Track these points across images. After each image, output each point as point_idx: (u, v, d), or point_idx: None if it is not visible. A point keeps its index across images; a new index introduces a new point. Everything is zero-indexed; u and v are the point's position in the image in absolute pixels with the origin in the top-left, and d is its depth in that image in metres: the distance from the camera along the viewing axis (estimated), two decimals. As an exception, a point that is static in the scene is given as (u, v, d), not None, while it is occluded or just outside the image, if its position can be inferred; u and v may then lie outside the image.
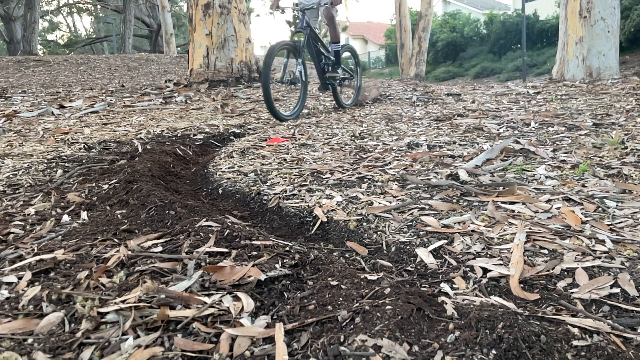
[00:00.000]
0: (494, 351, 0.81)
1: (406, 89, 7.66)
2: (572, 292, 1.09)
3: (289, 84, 4.56)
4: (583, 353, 0.83)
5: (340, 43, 5.15)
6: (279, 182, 2.24)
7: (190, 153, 3.26)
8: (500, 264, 1.23)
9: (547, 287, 1.13)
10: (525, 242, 1.33)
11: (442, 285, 1.16)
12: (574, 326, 0.92)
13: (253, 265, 1.17)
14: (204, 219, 1.55)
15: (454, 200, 1.75)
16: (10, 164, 2.68)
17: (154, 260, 1.23)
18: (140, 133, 3.72)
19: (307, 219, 1.77)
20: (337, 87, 5.34)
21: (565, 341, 0.85)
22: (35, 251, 1.35)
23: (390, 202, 1.78)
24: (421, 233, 1.48)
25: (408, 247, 1.41)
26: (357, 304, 0.96)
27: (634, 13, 14.01)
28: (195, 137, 3.74)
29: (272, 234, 1.60)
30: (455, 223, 1.53)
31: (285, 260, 1.21)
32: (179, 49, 22.06)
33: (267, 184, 2.25)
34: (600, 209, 1.58)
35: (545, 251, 1.29)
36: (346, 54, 5.58)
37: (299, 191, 2.06)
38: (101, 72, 12.54)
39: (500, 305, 1.02)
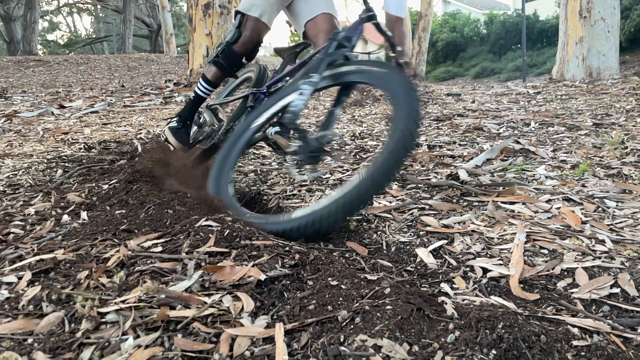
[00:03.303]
0: (494, 351, 0.81)
1: (406, 89, 7.64)
2: (572, 292, 1.09)
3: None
4: (583, 353, 0.83)
5: None
6: (279, 182, 2.24)
7: (190, 153, 3.26)
8: (500, 264, 1.23)
9: (547, 287, 1.13)
10: (525, 242, 1.33)
11: (442, 285, 1.16)
12: (574, 326, 0.92)
13: (253, 265, 1.16)
14: (204, 219, 1.55)
15: (454, 200, 1.75)
16: (10, 164, 2.68)
17: (154, 260, 1.23)
18: (140, 133, 3.72)
19: (307, 219, 1.77)
20: None
21: (565, 341, 0.85)
22: (35, 251, 1.35)
23: (390, 202, 1.78)
24: (421, 233, 1.48)
25: (408, 247, 1.41)
26: (357, 304, 0.96)
27: (634, 13, 14.01)
28: (195, 137, 3.74)
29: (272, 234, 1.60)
30: (455, 223, 1.53)
31: (285, 260, 1.21)
32: (179, 49, 22.03)
33: (267, 184, 2.25)
34: (600, 209, 1.58)
35: (545, 251, 1.29)
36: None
37: (299, 191, 2.06)
38: (101, 72, 12.54)
39: (500, 305, 1.02)
